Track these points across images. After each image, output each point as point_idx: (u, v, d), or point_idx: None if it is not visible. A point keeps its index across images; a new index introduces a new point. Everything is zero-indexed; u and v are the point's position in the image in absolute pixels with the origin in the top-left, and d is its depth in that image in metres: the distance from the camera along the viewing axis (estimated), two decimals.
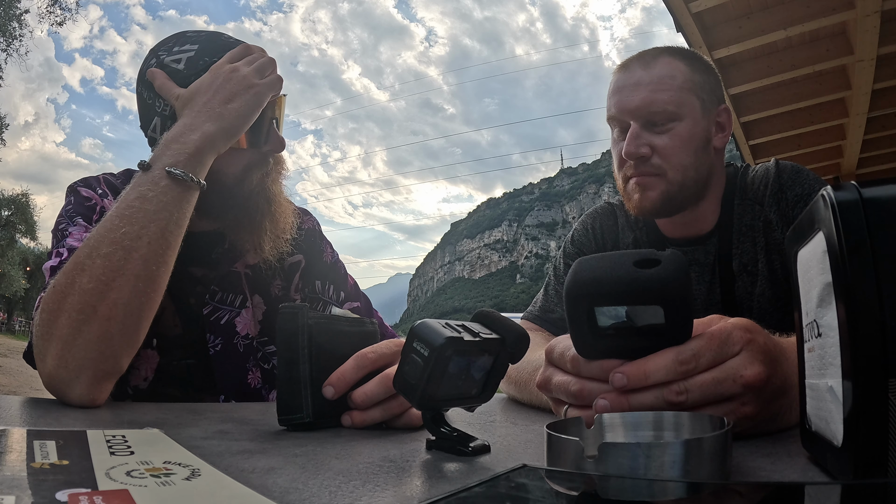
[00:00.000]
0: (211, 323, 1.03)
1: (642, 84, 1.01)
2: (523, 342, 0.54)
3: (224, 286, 1.04)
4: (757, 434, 0.54)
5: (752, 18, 3.48)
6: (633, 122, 1.02)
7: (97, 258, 0.74)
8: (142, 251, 0.76)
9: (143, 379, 1.01)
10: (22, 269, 30.25)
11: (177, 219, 0.80)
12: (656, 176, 1.02)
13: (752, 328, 0.53)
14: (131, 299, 0.75)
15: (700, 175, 1.03)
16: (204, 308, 1.02)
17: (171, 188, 0.80)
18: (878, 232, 0.35)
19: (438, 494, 0.30)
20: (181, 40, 0.96)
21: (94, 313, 0.72)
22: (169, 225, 0.79)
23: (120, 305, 0.74)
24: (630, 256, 0.51)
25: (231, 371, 1.03)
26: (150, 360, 1.01)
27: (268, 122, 0.95)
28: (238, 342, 1.04)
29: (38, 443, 0.43)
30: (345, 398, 0.65)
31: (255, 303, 1.08)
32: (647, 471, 0.36)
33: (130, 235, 0.76)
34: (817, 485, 0.36)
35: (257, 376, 1.06)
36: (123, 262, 0.74)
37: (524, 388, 0.89)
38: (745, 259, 1.05)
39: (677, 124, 1.01)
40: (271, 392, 1.09)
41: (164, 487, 0.34)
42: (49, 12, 16.63)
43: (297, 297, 1.13)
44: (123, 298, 0.74)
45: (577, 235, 1.26)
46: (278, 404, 0.63)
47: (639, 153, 1.01)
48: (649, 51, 1.06)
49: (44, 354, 0.74)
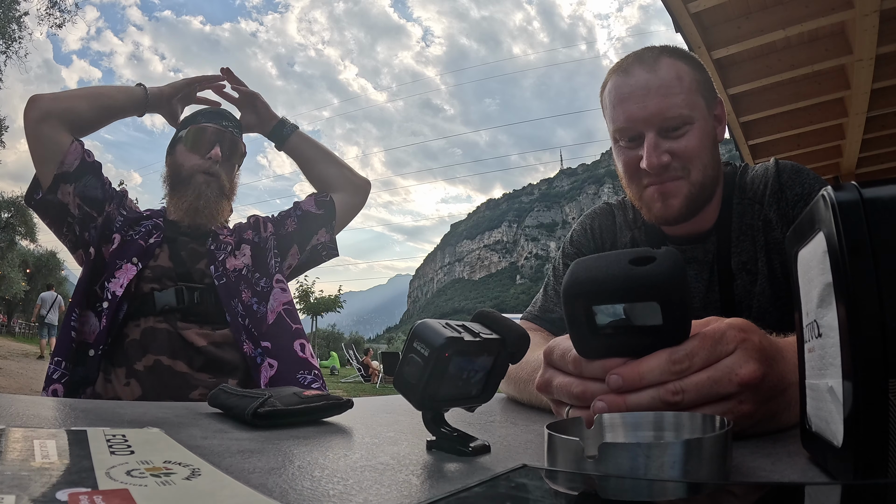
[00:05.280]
0: (213, 256, 1.48)
1: (651, 89, 0.97)
2: (523, 342, 0.54)
3: (216, 240, 1.52)
4: (756, 434, 0.54)
5: (751, 18, 3.48)
6: (649, 131, 0.98)
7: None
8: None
9: (120, 286, 1.37)
10: (22, 272, 30.21)
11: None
12: (679, 180, 0.99)
13: (747, 327, 0.53)
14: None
15: (716, 172, 1.04)
16: (207, 246, 1.49)
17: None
18: (878, 232, 0.35)
19: (438, 494, 0.30)
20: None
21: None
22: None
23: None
24: (626, 255, 0.52)
25: (231, 290, 1.44)
26: (129, 272, 1.40)
27: (214, 142, 1.52)
28: (231, 273, 1.47)
29: (38, 442, 0.43)
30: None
31: (242, 249, 1.54)
32: (647, 471, 0.36)
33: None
34: (817, 485, 0.36)
35: (249, 295, 1.47)
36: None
37: (524, 388, 0.89)
38: (745, 258, 1.05)
39: (691, 127, 0.98)
40: (264, 303, 1.48)
41: (165, 487, 0.34)
42: (48, 14, 16.62)
43: (268, 235, 1.61)
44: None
45: (575, 236, 1.26)
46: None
47: (662, 162, 0.98)
48: (646, 52, 1.03)
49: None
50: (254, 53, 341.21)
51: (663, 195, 1.00)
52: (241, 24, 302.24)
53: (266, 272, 1.55)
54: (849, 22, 3.35)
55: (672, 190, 1.00)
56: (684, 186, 1.00)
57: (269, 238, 1.61)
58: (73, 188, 1.43)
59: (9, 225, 26.42)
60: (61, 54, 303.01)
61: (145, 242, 1.45)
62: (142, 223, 1.50)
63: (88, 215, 1.46)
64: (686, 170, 0.99)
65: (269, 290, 1.53)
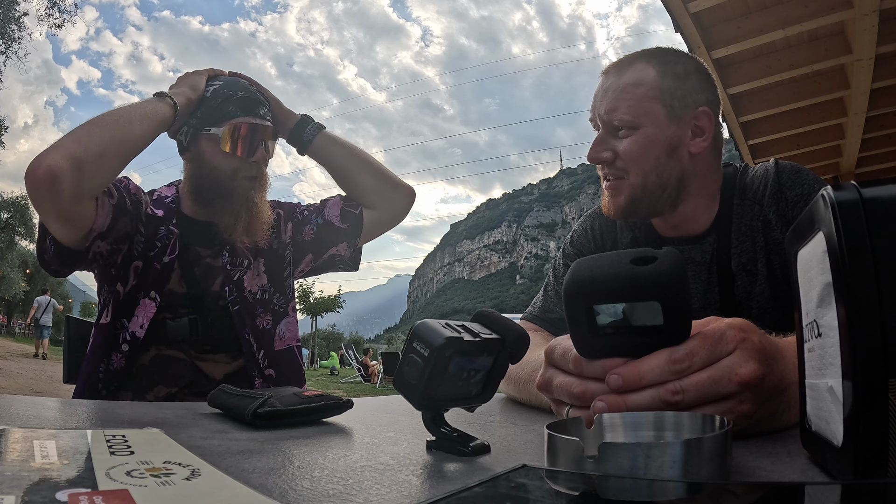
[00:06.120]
0: (228, 275, 1.33)
1: (609, 91, 1.06)
2: (523, 342, 0.54)
3: (233, 252, 1.35)
4: (756, 434, 0.54)
5: (750, 18, 3.48)
6: (602, 128, 1.07)
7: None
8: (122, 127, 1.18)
9: (140, 326, 1.25)
10: (21, 272, 30.20)
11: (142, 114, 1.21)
12: (620, 179, 1.06)
13: (747, 327, 0.53)
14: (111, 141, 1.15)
15: (665, 180, 1.04)
16: (222, 261, 1.34)
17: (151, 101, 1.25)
18: (878, 232, 0.35)
19: (438, 494, 0.30)
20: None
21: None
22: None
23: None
24: (627, 255, 0.52)
25: (246, 317, 1.32)
26: (148, 309, 1.26)
27: (257, 141, 1.31)
28: (247, 295, 1.34)
29: (38, 443, 0.43)
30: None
31: (257, 263, 1.38)
32: (647, 471, 0.36)
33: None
34: (817, 485, 0.36)
35: (267, 318, 1.36)
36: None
37: (524, 388, 0.89)
38: (745, 259, 1.05)
39: (635, 132, 1.03)
40: (277, 325, 1.38)
41: (164, 487, 0.34)
42: (48, 14, 16.61)
43: (287, 240, 1.45)
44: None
45: (576, 236, 1.26)
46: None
47: (598, 157, 1.06)
48: (629, 56, 1.09)
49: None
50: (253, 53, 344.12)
51: (611, 191, 1.08)
52: (240, 24, 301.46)
53: (282, 289, 1.42)
54: (848, 22, 3.35)
55: (615, 188, 1.07)
56: (625, 187, 1.06)
57: (287, 243, 1.45)
58: (107, 241, 1.23)
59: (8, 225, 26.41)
60: (60, 54, 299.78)
61: (160, 264, 1.30)
62: (158, 235, 1.32)
63: (118, 251, 1.28)
64: (626, 171, 1.05)
65: (282, 313, 1.41)
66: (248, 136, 1.29)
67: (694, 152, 1.04)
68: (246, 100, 1.31)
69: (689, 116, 1.04)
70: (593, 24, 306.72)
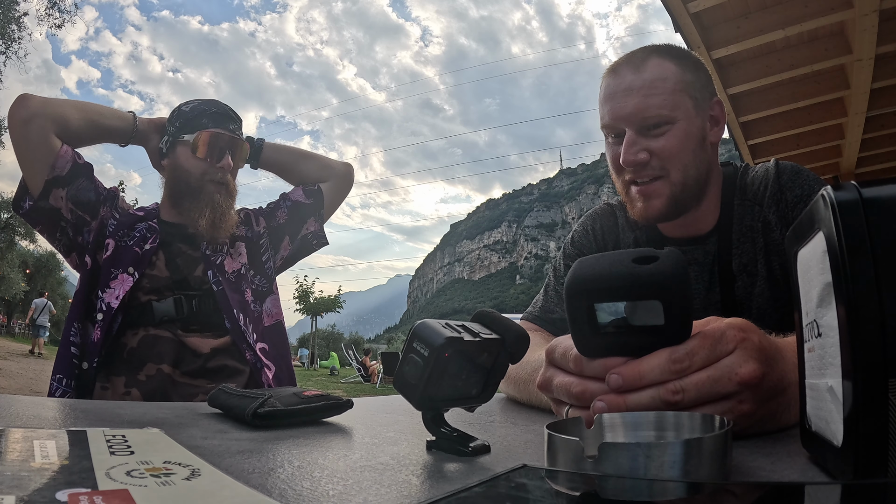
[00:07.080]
0: (209, 261, 1.46)
1: (634, 89, 1.00)
2: (523, 342, 0.54)
3: (211, 244, 1.49)
4: (756, 434, 0.54)
5: (750, 18, 3.48)
6: (629, 129, 1.01)
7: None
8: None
9: (116, 297, 1.36)
10: (21, 272, 30.18)
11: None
12: (659, 179, 1.01)
13: (747, 327, 0.53)
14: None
15: (700, 172, 1.03)
16: (202, 250, 1.47)
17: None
18: (878, 232, 0.35)
19: (438, 494, 0.30)
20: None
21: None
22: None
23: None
24: (629, 254, 0.52)
25: (230, 293, 1.44)
26: (125, 283, 1.38)
27: (224, 149, 1.48)
28: (229, 276, 1.47)
29: (38, 443, 0.43)
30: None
31: (237, 247, 1.54)
32: (647, 471, 0.36)
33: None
34: (817, 485, 0.36)
35: (251, 294, 1.50)
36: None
37: (524, 388, 0.89)
38: (745, 260, 1.05)
39: (672, 126, 1.00)
40: (263, 303, 1.53)
41: (164, 487, 0.34)
42: (47, 14, 16.60)
43: (261, 231, 1.61)
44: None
45: (576, 236, 1.26)
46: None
47: (637, 160, 1.00)
48: (638, 52, 1.05)
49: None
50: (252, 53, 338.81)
51: (645, 196, 1.03)
52: (240, 23, 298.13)
53: (262, 271, 1.56)
54: (848, 22, 3.35)
55: (654, 191, 1.02)
56: (665, 187, 1.02)
57: (263, 233, 1.60)
58: (66, 192, 1.39)
59: (8, 225, 26.39)
60: (60, 55, 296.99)
61: (140, 249, 1.42)
62: (136, 227, 1.46)
63: (81, 219, 1.43)
64: (665, 169, 1.01)
65: (266, 292, 1.54)
66: (215, 143, 1.47)
67: (713, 142, 1.05)
68: (218, 114, 1.51)
69: (707, 107, 1.04)
70: (593, 23, 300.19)
